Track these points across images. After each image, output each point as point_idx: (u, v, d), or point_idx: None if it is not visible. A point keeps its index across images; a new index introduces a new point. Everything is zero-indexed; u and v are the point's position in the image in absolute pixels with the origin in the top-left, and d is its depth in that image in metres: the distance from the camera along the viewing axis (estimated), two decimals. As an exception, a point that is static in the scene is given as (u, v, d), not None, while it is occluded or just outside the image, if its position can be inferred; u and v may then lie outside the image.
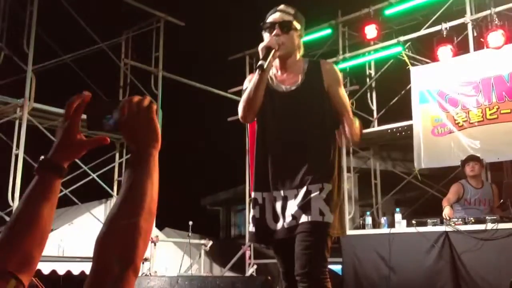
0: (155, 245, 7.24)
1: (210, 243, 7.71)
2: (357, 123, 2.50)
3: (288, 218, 2.39)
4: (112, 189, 7.68)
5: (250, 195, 9.02)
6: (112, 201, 7.57)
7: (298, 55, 2.56)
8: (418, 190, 7.47)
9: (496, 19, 6.32)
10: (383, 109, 7.89)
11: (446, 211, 5.32)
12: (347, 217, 7.48)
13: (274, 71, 2.57)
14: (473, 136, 6.33)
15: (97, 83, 7.94)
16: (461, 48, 6.75)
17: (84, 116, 1.14)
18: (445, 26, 6.76)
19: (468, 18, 6.69)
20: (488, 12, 6.49)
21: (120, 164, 7.89)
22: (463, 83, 6.53)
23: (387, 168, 8.44)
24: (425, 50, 7.28)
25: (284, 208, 2.42)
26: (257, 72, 2.34)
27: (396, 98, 7.53)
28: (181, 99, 9.68)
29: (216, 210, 14.41)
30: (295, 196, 2.40)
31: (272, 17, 2.49)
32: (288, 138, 2.45)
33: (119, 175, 7.85)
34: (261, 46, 2.37)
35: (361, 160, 8.63)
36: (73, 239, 7.03)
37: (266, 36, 2.49)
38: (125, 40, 8.28)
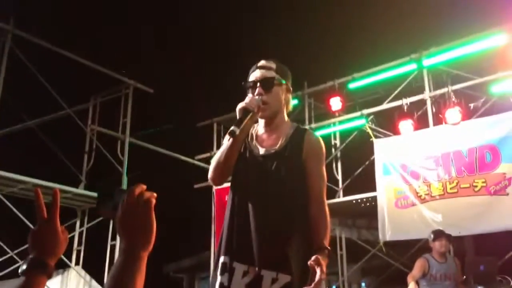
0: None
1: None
2: (328, 219, 2.20)
3: None
4: (70, 259, 7.39)
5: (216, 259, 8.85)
6: (70, 272, 7.27)
7: (286, 114, 2.34)
8: (384, 259, 7.47)
9: (453, 96, 6.63)
10: (348, 179, 8.00)
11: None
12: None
13: (258, 128, 2.35)
14: (435, 210, 6.45)
15: (62, 149, 7.83)
16: (421, 123, 7.01)
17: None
18: (406, 101, 7.03)
19: (427, 95, 7.00)
20: (445, 89, 6.81)
21: (81, 234, 7.65)
22: (424, 157, 6.72)
23: (352, 237, 8.45)
24: (387, 123, 7.52)
25: (229, 283, 2.13)
26: (230, 138, 2.14)
27: (360, 169, 7.67)
28: (147, 165, 9.62)
29: (179, 277, 14.00)
30: (244, 274, 2.11)
31: (254, 75, 2.27)
32: (254, 205, 2.17)
33: (79, 244, 7.60)
34: (239, 106, 2.16)
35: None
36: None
37: (249, 96, 2.23)
38: (92, 105, 8.27)
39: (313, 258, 1.95)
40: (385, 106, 7.39)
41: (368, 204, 7.49)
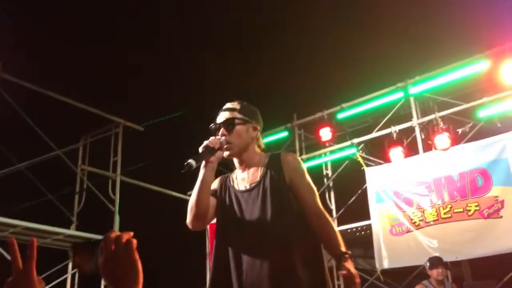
0: None
1: None
2: (332, 225, 2.28)
3: None
4: (64, 302, 7.22)
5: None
6: (63, 316, 7.09)
7: (257, 149, 2.41)
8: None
9: (441, 122, 6.72)
10: (341, 208, 7.99)
11: None
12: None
13: (237, 172, 2.42)
14: (430, 235, 6.45)
15: (52, 190, 7.75)
16: (411, 149, 7.08)
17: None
18: (394, 129, 7.11)
19: (415, 122, 7.09)
20: (433, 116, 6.90)
21: (73, 275, 7.49)
22: (416, 183, 6.76)
23: (349, 267, 8.37)
24: (377, 151, 7.58)
25: None
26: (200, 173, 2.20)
27: (353, 198, 7.67)
28: (139, 203, 9.54)
29: (175, 315, 13.72)
30: None
31: (218, 118, 2.37)
32: (248, 244, 2.19)
33: (71, 286, 7.43)
34: (201, 146, 2.23)
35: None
36: None
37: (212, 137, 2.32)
38: (82, 145, 8.24)
39: (341, 271, 2.05)
40: (374, 134, 7.46)
41: (363, 232, 7.48)
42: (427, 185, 6.64)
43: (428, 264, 5.60)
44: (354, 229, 7.50)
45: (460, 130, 6.90)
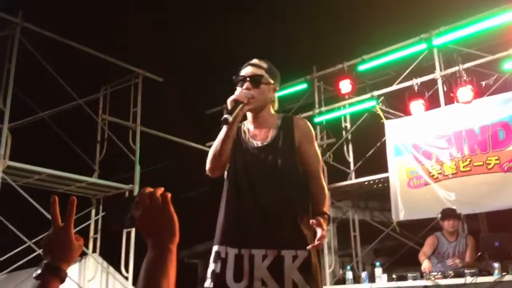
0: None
1: (189, 300, 7.51)
2: (326, 191, 2.45)
3: (257, 282, 2.24)
4: (87, 247, 7.48)
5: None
6: (88, 260, 7.37)
7: (272, 109, 2.53)
8: (397, 239, 7.50)
9: (465, 75, 6.58)
10: (359, 161, 8.00)
11: (425, 265, 5.34)
12: (327, 271, 7.43)
13: (248, 125, 2.54)
14: (448, 188, 6.45)
15: (74, 139, 7.90)
16: (433, 102, 6.98)
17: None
18: (416, 81, 7.00)
19: (438, 74, 6.96)
20: (456, 68, 6.76)
21: (96, 222, 7.73)
22: (436, 136, 6.70)
23: (365, 218, 8.47)
24: (398, 104, 7.49)
25: (251, 269, 2.26)
26: (224, 127, 2.30)
27: (372, 151, 7.66)
28: (159, 153, 9.67)
29: (194, 263, 14.13)
30: (264, 258, 2.26)
31: (244, 71, 2.46)
32: (260, 195, 2.34)
33: (95, 232, 7.68)
34: (229, 99, 2.33)
35: (339, 210, 8.65)
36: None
37: (238, 90, 2.44)
38: (103, 95, 8.31)
39: (313, 220, 2.24)
40: (395, 87, 7.36)
41: (380, 185, 7.51)
42: (447, 138, 6.59)
43: (440, 215, 5.65)
44: (371, 182, 7.52)
45: (484, 83, 6.76)
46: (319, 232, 2.21)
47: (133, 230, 7.07)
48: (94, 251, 7.61)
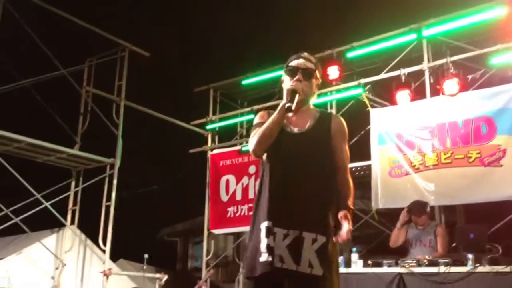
0: (107, 278, 7.02)
1: (166, 277, 7.52)
2: (351, 186, 2.55)
3: (276, 258, 2.35)
4: (65, 218, 7.44)
5: (208, 228, 8.98)
6: (65, 231, 7.33)
7: (311, 102, 2.67)
8: (376, 228, 7.57)
9: (452, 67, 6.61)
10: (343, 148, 8.00)
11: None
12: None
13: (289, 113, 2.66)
14: (429, 179, 6.52)
15: (57, 110, 7.79)
16: (419, 93, 7.01)
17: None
18: (404, 71, 7.01)
19: (425, 65, 6.98)
20: (444, 60, 6.78)
21: (76, 193, 7.67)
22: (420, 127, 6.75)
23: (345, 206, 8.53)
24: (384, 93, 7.51)
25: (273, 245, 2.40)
26: (278, 112, 2.45)
27: (356, 138, 7.68)
28: (142, 129, 9.59)
29: (174, 241, 14.17)
30: (284, 236, 2.39)
31: (296, 62, 2.58)
32: (294, 176, 2.47)
33: (74, 204, 7.63)
34: (286, 87, 2.52)
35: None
36: (21, 270, 6.72)
37: (286, 79, 2.58)
38: (88, 67, 8.18)
39: (341, 213, 2.36)
40: (382, 75, 7.36)
41: (362, 172, 7.55)
42: (431, 129, 6.64)
43: (407, 208, 5.75)
44: (353, 169, 7.54)
45: (470, 77, 6.80)
46: (345, 225, 2.32)
47: (112, 204, 7.03)
48: (72, 223, 7.57)
